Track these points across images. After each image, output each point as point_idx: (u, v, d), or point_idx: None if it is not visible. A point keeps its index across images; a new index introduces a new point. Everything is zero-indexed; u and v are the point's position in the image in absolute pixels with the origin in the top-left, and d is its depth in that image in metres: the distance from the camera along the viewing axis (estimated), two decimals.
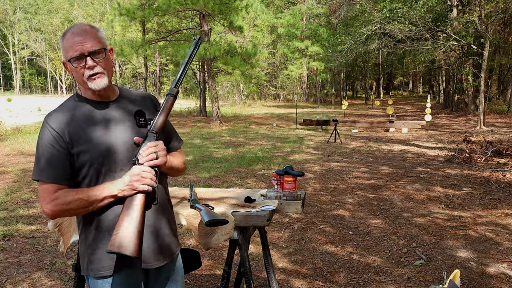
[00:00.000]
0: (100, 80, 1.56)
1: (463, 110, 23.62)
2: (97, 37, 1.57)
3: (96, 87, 1.56)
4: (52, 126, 1.55)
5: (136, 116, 1.65)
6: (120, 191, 1.55)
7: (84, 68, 1.54)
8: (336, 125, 13.08)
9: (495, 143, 10.37)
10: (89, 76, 1.55)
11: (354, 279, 3.57)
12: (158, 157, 1.59)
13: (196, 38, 1.72)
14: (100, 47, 1.56)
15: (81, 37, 1.54)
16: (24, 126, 17.07)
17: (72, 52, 1.53)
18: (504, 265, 3.80)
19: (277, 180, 2.75)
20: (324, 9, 35.41)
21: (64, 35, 1.57)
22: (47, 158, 1.54)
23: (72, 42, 1.54)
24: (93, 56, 1.54)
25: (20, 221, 5.17)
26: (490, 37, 17.09)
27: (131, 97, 1.71)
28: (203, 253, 4.00)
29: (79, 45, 1.53)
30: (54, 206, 1.53)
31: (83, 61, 1.54)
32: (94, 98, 1.62)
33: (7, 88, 68.60)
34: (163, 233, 1.68)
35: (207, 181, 7.32)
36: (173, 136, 1.83)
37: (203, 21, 19.65)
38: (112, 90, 1.65)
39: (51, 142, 1.54)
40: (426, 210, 5.51)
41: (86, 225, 1.61)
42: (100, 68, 1.56)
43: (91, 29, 1.57)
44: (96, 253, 1.59)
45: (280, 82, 43.96)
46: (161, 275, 1.72)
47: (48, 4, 62.55)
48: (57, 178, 1.54)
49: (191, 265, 2.68)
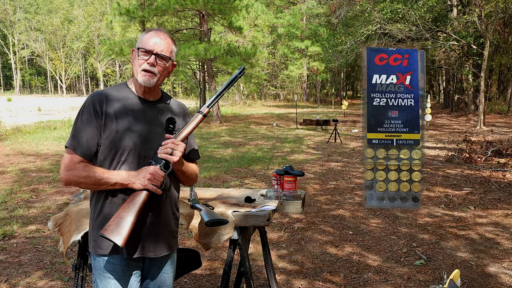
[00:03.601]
0: (149, 78, 1.74)
1: (463, 110, 23.62)
2: (170, 48, 1.79)
3: (142, 82, 1.74)
4: (95, 105, 1.73)
5: (167, 122, 1.82)
6: (131, 182, 1.70)
7: (145, 61, 1.73)
8: (336, 125, 13.08)
9: (495, 143, 10.38)
10: (143, 69, 1.74)
11: (354, 279, 3.57)
12: (173, 154, 1.73)
13: (240, 68, 1.90)
14: (168, 56, 1.78)
15: (160, 39, 1.76)
16: (24, 126, 17.06)
17: (144, 44, 1.75)
18: (504, 265, 3.80)
19: (277, 180, 2.75)
20: (324, 9, 35.41)
21: (149, 31, 1.80)
22: (80, 132, 1.72)
23: (151, 39, 1.75)
24: (158, 58, 1.75)
25: (20, 221, 5.17)
26: (490, 37, 17.09)
27: (169, 104, 1.89)
28: (203, 253, 4.00)
29: (153, 44, 1.74)
30: (70, 175, 1.72)
31: (149, 56, 1.74)
32: (138, 93, 1.81)
33: (7, 88, 68.59)
34: (164, 230, 1.84)
35: (207, 181, 7.32)
36: (193, 150, 1.99)
37: (203, 21, 19.65)
38: (155, 92, 1.84)
39: (89, 118, 1.73)
40: (426, 210, 5.51)
41: (96, 206, 1.79)
42: (156, 69, 1.75)
43: (170, 40, 1.81)
44: (97, 232, 1.76)
45: (280, 82, 43.97)
46: (155, 265, 1.87)
47: (48, 4, 62.54)
48: (82, 152, 1.72)
49: (191, 265, 2.68)
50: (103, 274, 1.78)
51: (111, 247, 1.74)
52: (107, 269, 1.77)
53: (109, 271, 1.77)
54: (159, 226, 1.81)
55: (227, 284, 2.52)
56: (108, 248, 1.75)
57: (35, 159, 9.70)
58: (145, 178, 1.69)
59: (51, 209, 5.68)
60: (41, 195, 6.50)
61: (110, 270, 1.77)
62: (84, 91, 65.42)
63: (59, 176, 8.11)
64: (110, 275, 1.77)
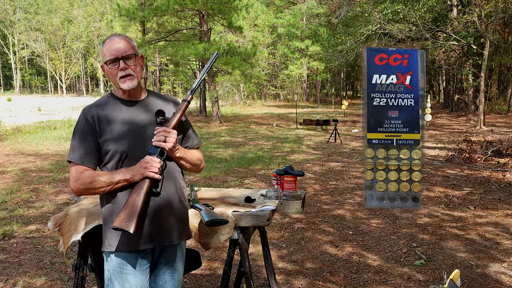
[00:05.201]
0: (130, 81, 1.84)
1: (463, 110, 23.61)
2: (130, 45, 1.86)
3: (126, 87, 1.84)
4: (87, 117, 1.85)
5: (156, 114, 1.88)
6: (132, 176, 1.80)
7: (118, 69, 1.82)
8: (336, 125, 13.08)
9: (495, 143, 10.38)
10: (121, 77, 1.83)
11: (354, 279, 3.57)
12: (166, 141, 1.82)
13: (214, 53, 2.02)
14: (132, 52, 1.85)
15: (117, 44, 1.83)
16: (24, 126, 17.05)
17: (108, 56, 1.82)
18: (504, 265, 3.80)
19: (277, 180, 2.75)
20: (324, 9, 35.39)
21: (104, 43, 1.87)
22: (79, 144, 1.84)
23: (110, 47, 1.83)
24: (126, 60, 1.83)
25: (20, 221, 5.17)
26: (490, 37, 17.08)
27: (156, 99, 1.98)
28: (203, 253, 4.00)
29: (114, 50, 1.82)
30: (79, 184, 1.82)
31: (117, 63, 1.82)
32: (124, 97, 1.90)
33: (7, 88, 68.54)
34: (172, 219, 1.90)
35: (207, 181, 7.32)
36: (191, 136, 2.07)
37: (203, 21, 19.64)
38: (140, 91, 1.94)
39: (84, 131, 1.84)
40: (426, 210, 5.51)
41: (105, 206, 1.88)
42: (130, 70, 1.84)
43: (126, 38, 1.87)
44: (109, 231, 1.85)
45: (280, 82, 43.95)
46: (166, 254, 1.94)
47: (48, 4, 62.50)
48: (84, 161, 1.83)
49: (191, 265, 2.68)
50: (118, 271, 1.84)
51: (122, 243, 1.81)
52: (121, 265, 1.83)
53: (123, 267, 1.83)
54: (166, 215, 1.87)
55: (227, 284, 2.52)
56: (120, 244, 1.82)
57: (35, 159, 9.70)
58: (142, 167, 1.78)
59: (51, 209, 5.68)
60: (41, 195, 6.50)
61: (124, 265, 1.83)
62: (84, 91, 65.38)
63: (59, 176, 8.08)
64: (125, 270, 1.83)
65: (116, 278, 1.84)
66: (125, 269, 1.83)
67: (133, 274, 1.84)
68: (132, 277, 1.84)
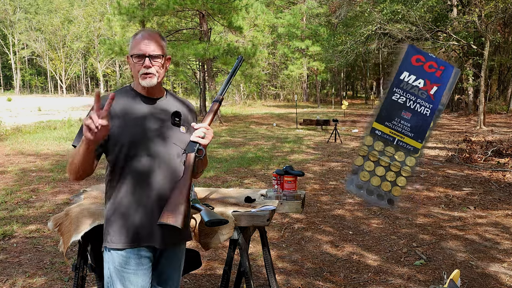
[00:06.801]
0: (150, 79, 1.81)
1: (463, 110, 23.62)
2: (160, 44, 1.83)
3: (145, 84, 1.82)
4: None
5: (173, 116, 1.90)
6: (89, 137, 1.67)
7: (142, 66, 1.79)
8: (336, 125, 13.08)
9: (495, 143, 10.38)
10: (142, 74, 1.80)
11: (354, 279, 3.57)
12: (204, 137, 1.87)
13: (239, 58, 2.03)
14: (159, 53, 1.82)
15: (148, 41, 1.80)
16: (24, 126, 17.05)
17: (136, 50, 1.80)
18: (504, 265, 3.80)
19: (277, 180, 2.75)
20: (324, 9, 35.41)
21: (136, 35, 1.84)
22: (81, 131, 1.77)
23: (139, 42, 1.80)
24: (152, 59, 1.80)
25: (20, 221, 5.17)
26: (490, 37, 17.08)
27: (173, 100, 1.97)
28: (203, 253, 3.99)
29: (143, 46, 1.79)
30: (67, 166, 1.79)
31: (142, 60, 1.79)
32: (143, 93, 1.89)
33: (7, 88, 68.53)
34: None
35: (207, 181, 7.32)
36: None
37: (203, 21, 19.64)
38: (159, 90, 1.92)
39: None
40: (426, 210, 5.51)
41: (109, 202, 1.86)
42: (154, 69, 1.81)
43: (157, 37, 1.84)
44: (112, 227, 1.82)
45: (280, 82, 43.96)
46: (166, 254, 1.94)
47: (48, 4, 62.47)
48: None
49: (191, 265, 2.68)
50: (119, 269, 1.83)
51: (126, 240, 1.80)
52: (123, 264, 1.82)
53: (125, 266, 1.82)
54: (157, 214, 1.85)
55: (227, 284, 2.52)
56: (122, 241, 1.81)
57: (35, 159, 9.70)
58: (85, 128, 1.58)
59: (51, 209, 5.68)
60: (41, 195, 6.50)
61: (125, 264, 1.82)
62: (84, 91, 65.37)
63: (59, 176, 8.05)
64: (127, 269, 1.83)
65: (118, 276, 1.83)
66: (127, 268, 1.83)
67: (135, 274, 1.83)
68: (134, 276, 1.83)
